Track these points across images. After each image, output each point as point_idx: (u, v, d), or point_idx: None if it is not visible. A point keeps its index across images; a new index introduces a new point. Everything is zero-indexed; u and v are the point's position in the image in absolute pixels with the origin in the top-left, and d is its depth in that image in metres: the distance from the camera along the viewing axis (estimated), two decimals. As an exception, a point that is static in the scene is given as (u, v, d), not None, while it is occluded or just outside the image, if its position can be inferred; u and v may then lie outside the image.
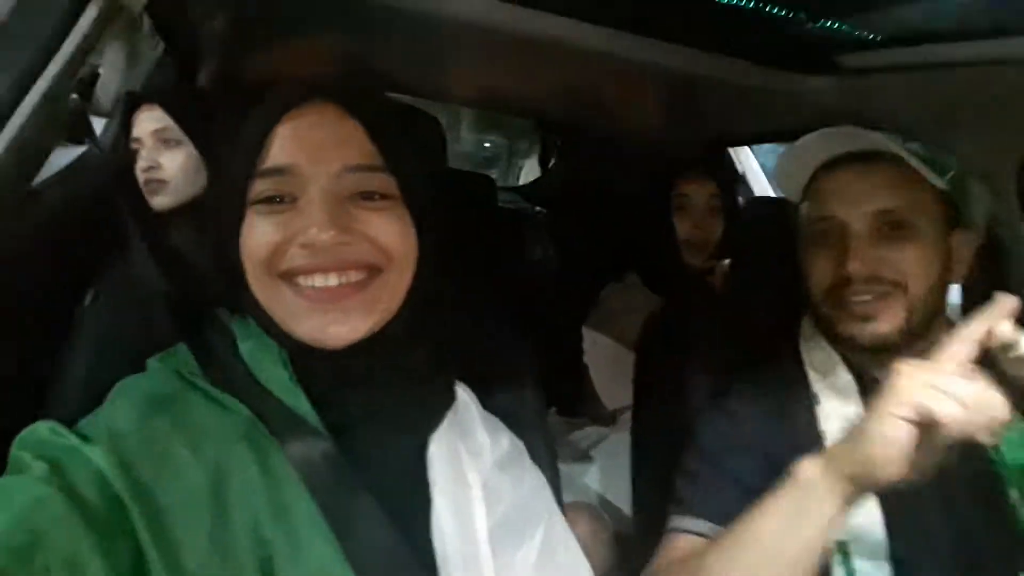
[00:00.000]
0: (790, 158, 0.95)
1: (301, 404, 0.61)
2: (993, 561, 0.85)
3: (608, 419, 1.71)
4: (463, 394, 0.75)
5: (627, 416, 1.63)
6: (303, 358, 0.63)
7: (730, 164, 2.21)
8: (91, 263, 0.92)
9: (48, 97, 0.63)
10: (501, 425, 0.78)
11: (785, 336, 0.99)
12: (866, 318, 0.87)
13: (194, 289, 0.69)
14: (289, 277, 0.61)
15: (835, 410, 0.90)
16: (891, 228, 0.87)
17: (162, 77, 1.47)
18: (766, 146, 2.23)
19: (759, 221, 1.30)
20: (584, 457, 1.55)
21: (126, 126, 1.33)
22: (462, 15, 1.20)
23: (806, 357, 0.96)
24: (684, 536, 0.85)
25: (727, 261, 1.60)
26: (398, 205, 0.65)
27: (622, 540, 1.29)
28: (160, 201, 1.29)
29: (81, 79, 1.16)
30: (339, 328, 0.61)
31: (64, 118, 1.04)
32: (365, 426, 0.64)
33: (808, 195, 0.95)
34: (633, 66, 1.30)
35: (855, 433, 0.67)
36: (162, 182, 1.29)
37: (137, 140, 1.32)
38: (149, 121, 1.31)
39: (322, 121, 0.63)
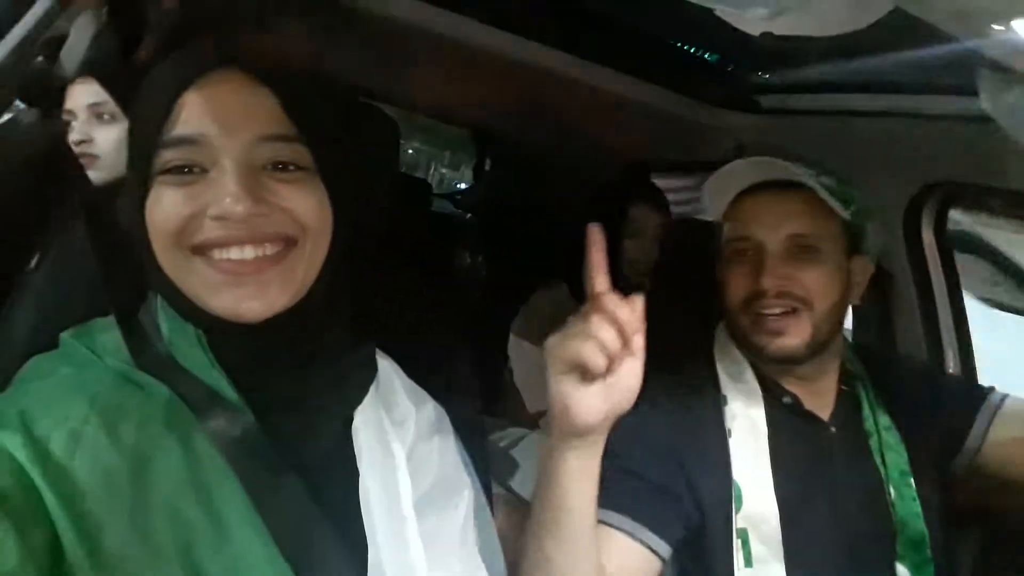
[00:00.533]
0: (717, 181, 1.03)
1: (221, 383, 0.60)
2: (872, 551, 0.95)
3: (529, 423, 1.76)
4: (385, 364, 0.74)
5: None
6: (220, 335, 0.60)
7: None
8: (37, 226, 0.89)
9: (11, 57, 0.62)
10: (425, 394, 0.77)
11: (700, 343, 1.08)
12: (776, 332, 0.96)
13: (126, 267, 0.66)
14: (202, 251, 0.58)
15: (741, 410, 0.98)
16: (801, 250, 0.95)
17: (99, 50, 1.43)
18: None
19: (680, 239, 1.39)
20: (504, 457, 1.59)
21: (59, 97, 1.29)
22: (410, 20, 1.24)
23: (719, 362, 1.04)
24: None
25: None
26: (312, 176, 0.62)
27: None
28: (92, 176, 1.26)
29: (46, 41, 1.11)
30: (255, 302, 0.58)
31: (22, 80, 1.00)
32: (288, 403, 0.63)
33: (730, 216, 1.02)
34: (569, 85, 1.37)
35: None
36: (94, 157, 1.25)
37: (70, 112, 1.28)
38: (85, 94, 1.27)
39: (233, 88, 0.59)
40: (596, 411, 0.68)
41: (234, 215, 0.56)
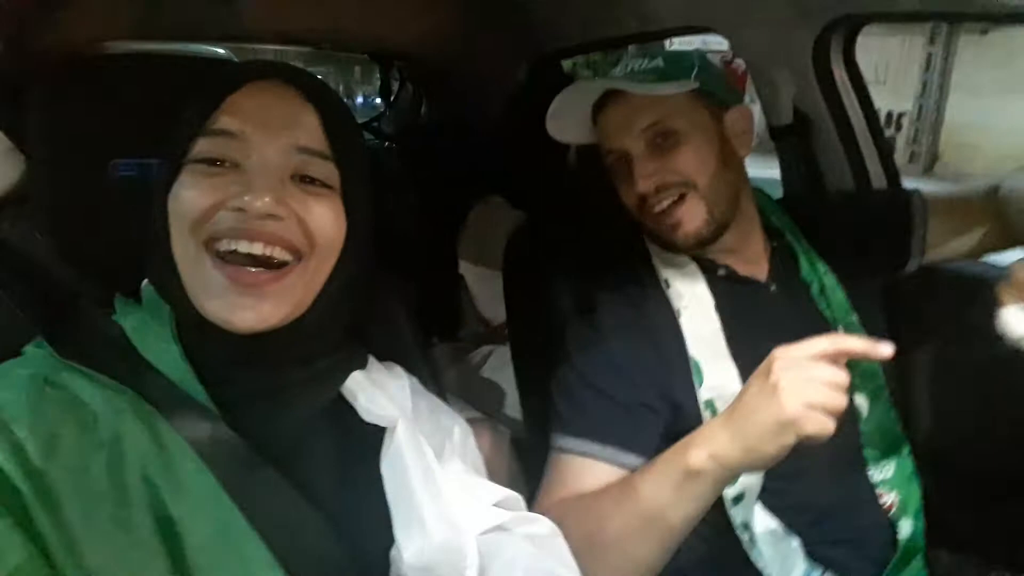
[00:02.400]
0: (564, 109, 1.04)
1: (188, 380, 0.60)
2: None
3: (492, 336, 1.78)
4: (406, 383, 0.76)
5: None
6: (201, 335, 0.61)
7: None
8: None
9: None
10: (399, 370, 0.79)
11: (634, 232, 1.08)
12: (673, 225, 0.98)
13: (45, 281, 0.64)
14: (212, 244, 0.59)
15: (685, 289, 1.01)
16: (663, 139, 0.97)
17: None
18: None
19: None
20: (491, 386, 1.62)
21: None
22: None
23: (652, 252, 1.06)
24: (569, 457, 0.91)
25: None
26: (335, 196, 0.65)
27: (520, 446, 1.37)
28: None
29: None
30: (249, 313, 0.60)
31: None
32: (255, 402, 0.63)
33: (597, 136, 1.04)
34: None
35: (745, 432, 0.72)
36: None
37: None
38: None
39: (279, 97, 0.64)
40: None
41: (252, 209, 0.58)
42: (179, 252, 0.61)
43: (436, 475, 0.66)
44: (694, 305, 0.99)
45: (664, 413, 0.94)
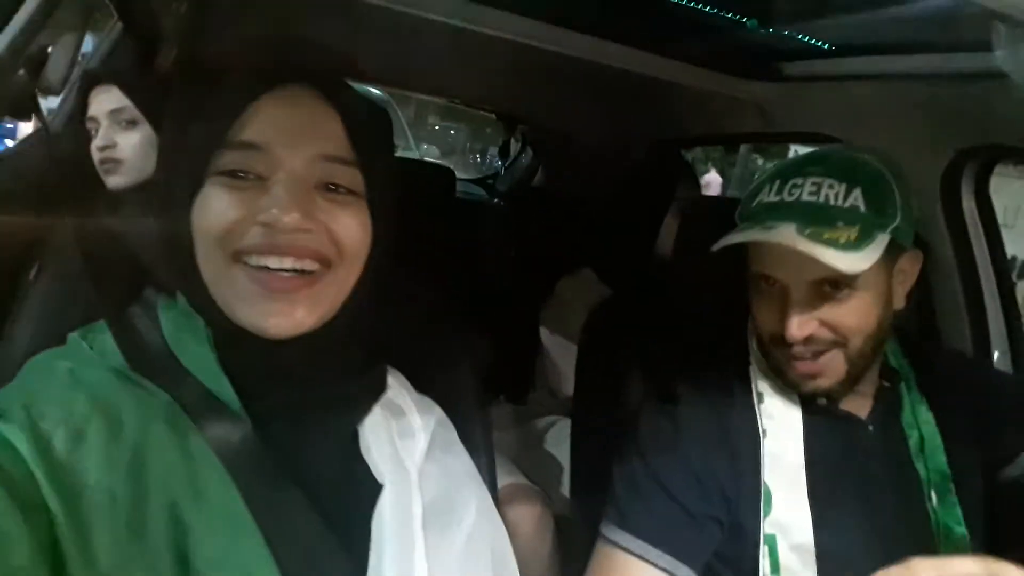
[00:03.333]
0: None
1: (223, 388, 0.60)
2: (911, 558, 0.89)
3: (559, 408, 1.75)
4: (393, 379, 0.75)
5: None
6: (235, 344, 0.61)
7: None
8: (38, 239, 0.92)
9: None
10: (432, 404, 0.78)
11: (732, 333, 1.01)
12: (808, 375, 0.88)
13: (124, 266, 0.67)
14: (241, 257, 0.59)
15: (776, 410, 0.92)
16: (832, 288, 0.85)
17: (119, 58, 1.46)
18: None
19: (708, 220, 1.33)
20: (535, 442, 1.59)
21: (82, 105, 1.33)
22: (433, 13, 1.23)
23: (753, 358, 0.96)
24: (621, 554, 0.86)
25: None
26: (360, 201, 0.64)
27: (565, 523, 1.33)
28: (115, 181, 1.29)
29: (30, 56, 1.15)
30: (282, 320, 0.59)
31: (9, 94, 1.03)
32: (290, 415, 0.63)
33: (751, 249, 0.91)
34: (586, 66, 1.34)
35: None
36: (118, 162, 1.30)
37: (92, 119, 1.32)
38: (106, 101, 1.31)
39: (301, 104, 0.62)
40: None
41: (281, 225, 0.58)
42: (205, 264, 0.60)
43: (415, 552, 0.64)
44: (781, 430, 0.91)
45: (723, 534, 0.88)
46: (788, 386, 0.92)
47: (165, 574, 0.52)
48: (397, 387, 0.75)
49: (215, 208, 0.59)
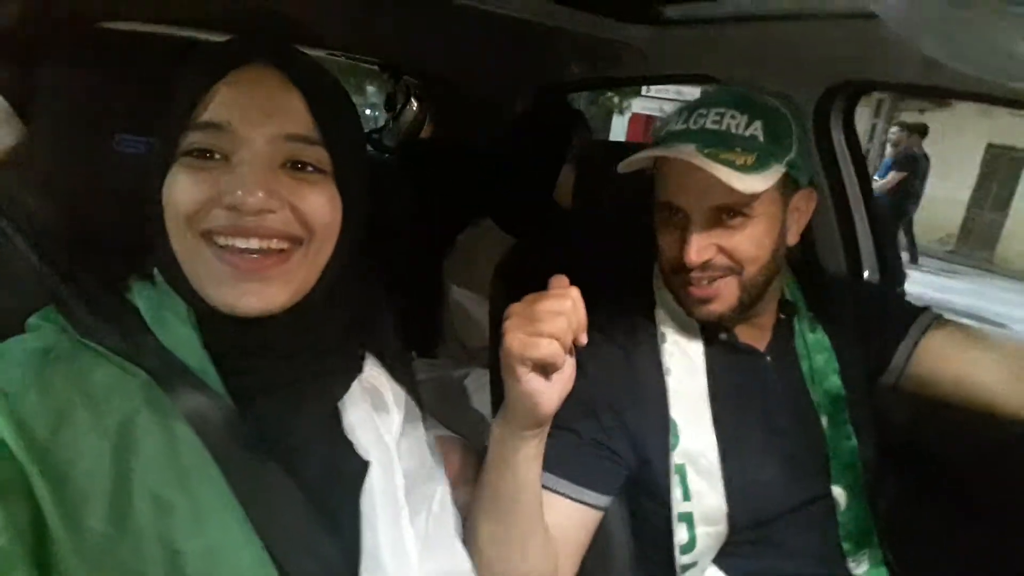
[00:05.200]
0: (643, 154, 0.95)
1: (206, 367, 0.60)
2: (807, 476, 0.98)
3: (467, 359, 1.78)
4: (369, 357, 0.77)
5: (485, 353, 1.72)
6: (211, 323, 0.61)
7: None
8: None
9: None
10: (399, 387, 0.80)
11: (639, 277, 1.06)
12: (703, 300, 0.93)
13: (53, 253, 0.63)
14: (209, 237, 0.59)
15: (678, 348, 0.98)
16: (728, 216, 0.89)
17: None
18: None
19: (607, 164, 1.36)
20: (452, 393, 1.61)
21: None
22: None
23: (658, 297, 1.02)
24: None
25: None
26: (328, 180, 0.64)
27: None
28: None
29: None
30: (253, 299, 0.60)
31: None
32: (270, 391, 0.64)
33: (657, 173, 0.96)
34: (469, 12, 1.33)
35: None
36: None
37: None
38: None
39: (264, 84, 0.62)
40: (557, 400, 0.72)
41: (246, 206, 0.58)
42: (177, 244, 0.61)
43: (403, 522, 0.68)
44: (684, 367, 0.97)
45: (630, 463, 0.93)
46: (688, 314, 0.97)
47: (153, 556, 0.53)
48: (370, 363, 0.76)
49: (183, 190, 0.59)
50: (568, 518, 0.87)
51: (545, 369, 0.70)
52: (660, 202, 0.95)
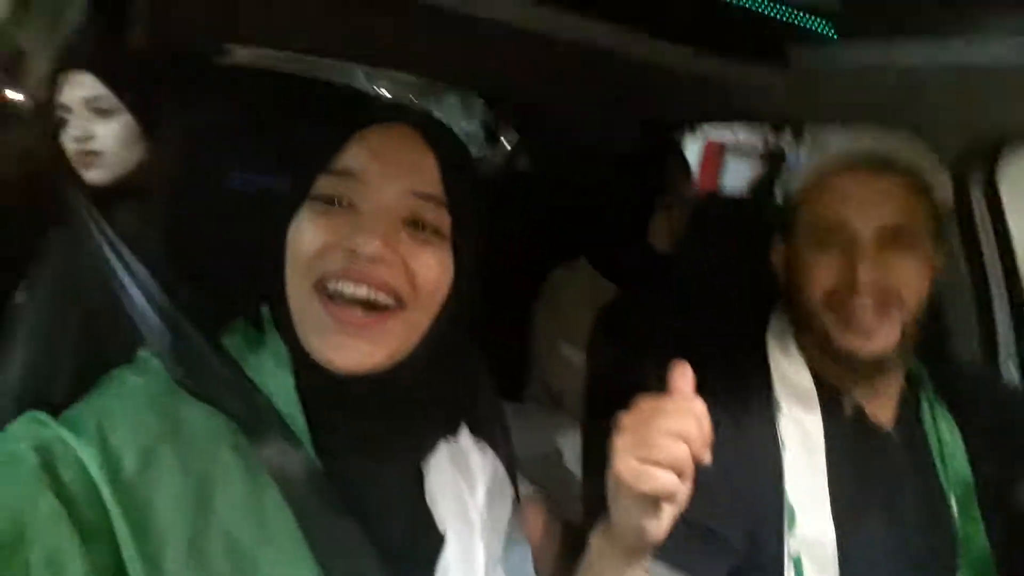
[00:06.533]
0: (811, 152, 0.95)
1: (295, 416, 0.61)
2: (932, 569, 0.89)
3: (554, 401, 1.72)
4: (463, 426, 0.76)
5: (571, 398, 1.66)
6: (307, 373, 0.62)
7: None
8: (23, 251, 0.84)
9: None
10: (488, 448, 0.78)
11: (751, 338, 0.99)
12: (867, 332, 0.86)
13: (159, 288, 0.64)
14: (321, 285, 0.60)
15: (796, 421, 0.90)
16: (895, 241, 0.86)
17: (89, 41, 1.36)
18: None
19: (723, 217, 1.30)
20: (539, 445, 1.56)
21: (51, 93, 1.23)
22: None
23: (772, 364, 0.95)
24: None
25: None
26: (445, 245, 0.65)
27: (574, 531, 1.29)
28: (95, 175, 1.21)
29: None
30: (352, 353, 0.60)
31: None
32: (356, 453, 0.64)
33: (812, 196, 0.92)
34: (582, 49, 1.29)
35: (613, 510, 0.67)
36: (97, 154, 1.21)
37: (65, 108, 1.23)
38: (79, 88, 1.22)
39: (401, 140, 0.64)
40: (667, 525, 0.64)
41: (362, 251, 0.59)
42: (291, 287, 0.62)
43: None
44: (802, 443, 0.89)
45: (741, 551, 0.86)
46: (839, 356, 0.89)
47: None
48: (463, 430, 0.75)
49: (308, 232, 0.61)
50: None
51: (658, 501, 0.61)
52: (822, 220, 0.89)
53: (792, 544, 0.85)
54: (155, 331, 0.62)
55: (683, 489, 0.60)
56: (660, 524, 0.63)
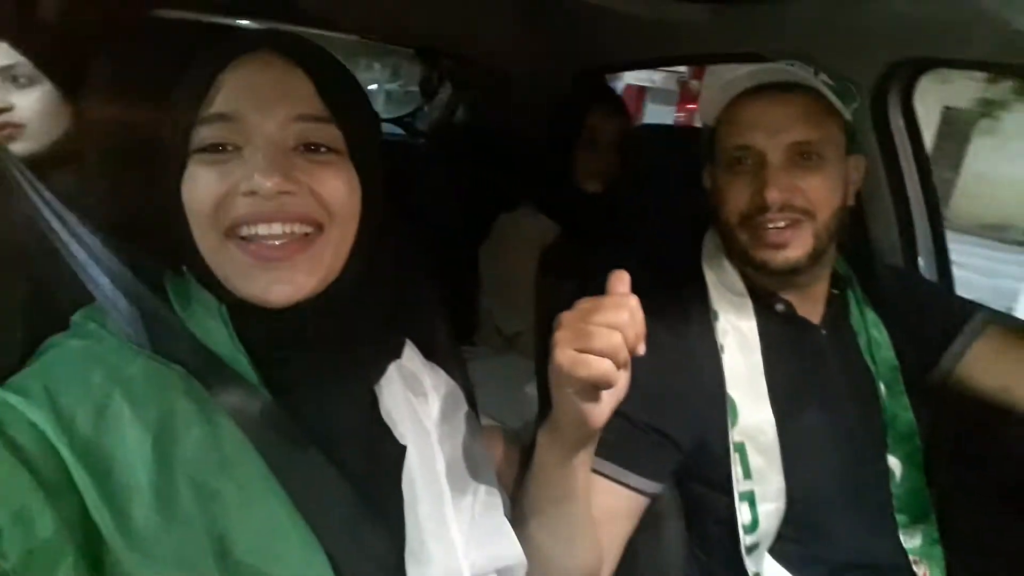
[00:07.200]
0: (711, 85, 0.98)
1: (240, 362, 0.60)
2: (864, 446, 0.97)
3: (504, 345, 1.76)
4: (408, 344, 0.77)
5: (524, 339, 1.70)
6: (244, 317, 0.61)
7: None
8: None
9: None
10: (439, 369, 0.80)
11: (686, 256, 1.04)
12: (779, 245, 0.92)
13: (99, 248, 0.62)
14: (233, 231, 0.59)
15: (732, 325, 0.97)
16: (803, 158, 0.91)
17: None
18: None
19: (652, 146, 1.33)
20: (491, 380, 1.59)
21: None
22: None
23: (707, 276, 1.01)
24: None
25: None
26: (344, 160, 0.63)
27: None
28: (21, 147, 1.17)
29: None
30: (283, 287, 0.60)
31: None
32: (307, 382, 0.64)
33: (724, 122, 0.97)
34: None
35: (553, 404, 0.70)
36: (18, 126, 1.17)
37: (-23, 80, 1.18)
38: None
39: (269, 70, 0.61)
40: (606, 416, 0.68)
41: (263, 190, 0.58)
42: (202, 241, 0.61)
43: (446, 508, 0.68)
44: (739, 344, 0.95)
45: (686, 446, 0.92)
46: (752, 266, 0.96)
47: (201, 543, 0.53)
48: (408, 351, 0.76)
49: (201, 186, 0.59)
50: (613, 502, 0.86)
51: (596, 387, 0.65)
52: (732, 146, 0.95)
53: (735, 435, 0.91)
54: (104, 289, 0.61)
55: (619, 376, 0.64)
56: (600, 410, 0.67)
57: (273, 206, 0.59)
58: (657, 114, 10.72)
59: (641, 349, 0.65)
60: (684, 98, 10.59)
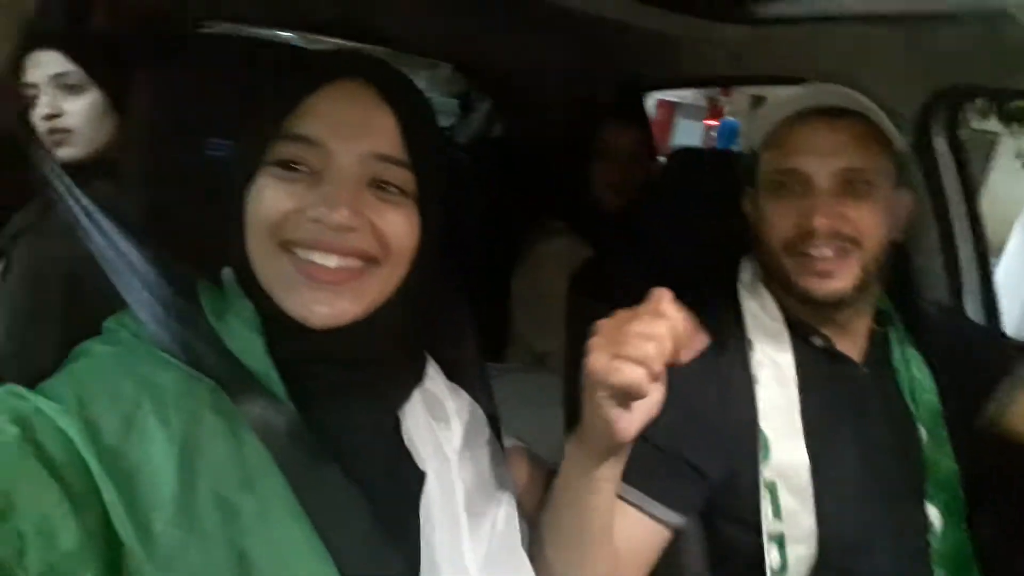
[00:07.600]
0: (762, 116, 0.97)
1: (269, 373, 0.61)
2: (902, 492, 0.93)
3: (536, 362, 1.75)
4: (428, 366, 0.77)
5: (555, 358, 1.69)
6: (279, 330, 0.62)
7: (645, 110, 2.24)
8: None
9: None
10: (463, 393, 0.80)
11: (721, 283, 1.02)
12: (825, 274, 0.90)
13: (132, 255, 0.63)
14: (289, 247, 0.61)
15: (768, 356, 0.94)
16: (852, 186, 0.89)
17: (55, 17, 1.35)
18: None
19: (688, 169, 1.32)
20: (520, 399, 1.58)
21: (16, 70, 1.22)
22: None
23: (743, 303, 0.98)
24: None
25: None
26: (410, 202, 0.64)
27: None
28: (67, 152, 1.21)
29: None
30: (326, 309, 0.61)
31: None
32: (333, 402, 0.64)
33: (771, 146, 0.95)
34: (551, 10, 1.30)
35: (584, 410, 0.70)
36: (67, 131, 1.21)
37: (33, 86, 1.22)
38: (46, 65, 1.21)
39: (357, 100, 0.63)
40: (637, 428, 0.67)
41: (330, 222, 0.59)
42: (255, 250, 0.62)
43: (463, 536, 0.67)
44: (774, 376, 0.93)
45: (714, 478, 0.90)
46: (794, 295, 0.93)
47: (221, 559, 0.53)
48: (432, 374, 0.76)
49: (269, 199, 0.61)
50: (634, 530, 0.85)
51: (627, 396, 0.64)
52: (777, 169, 0.93)
53: (766, 472, 0.89)
54: (139, 298, 0.61)
55: (652, 388, 0.63)
56: (629, 421, 0.66)
57: (334, 237, 0.60)
58: (687, 128, 10.76)
59: (685, 358, 0.65)
60: (712, 114, 10.64)
